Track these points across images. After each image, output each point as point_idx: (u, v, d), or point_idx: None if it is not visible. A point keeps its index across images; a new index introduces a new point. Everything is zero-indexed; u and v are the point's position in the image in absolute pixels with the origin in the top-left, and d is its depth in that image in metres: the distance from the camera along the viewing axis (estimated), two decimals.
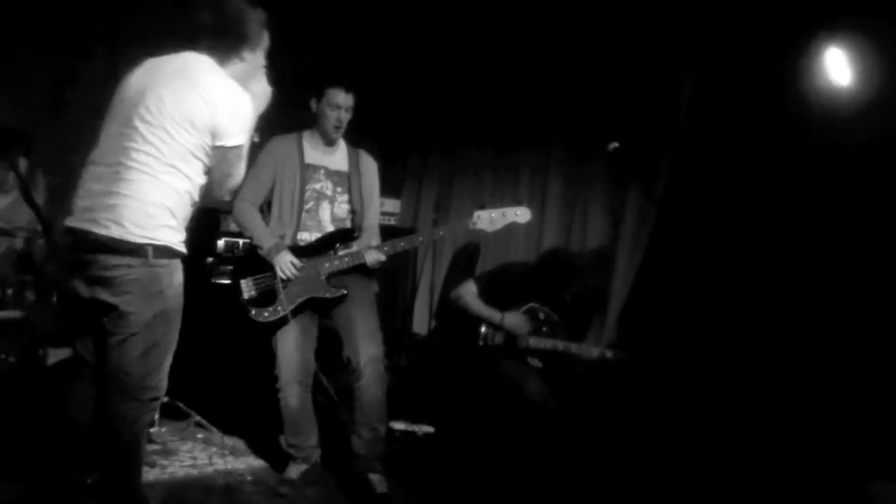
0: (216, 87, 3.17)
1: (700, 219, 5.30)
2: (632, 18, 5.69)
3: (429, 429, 5.54)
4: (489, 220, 4.49)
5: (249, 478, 4.49)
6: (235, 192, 3.91)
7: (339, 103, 4.46)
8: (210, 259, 5.75)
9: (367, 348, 4.34)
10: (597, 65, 6.05)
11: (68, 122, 5.79)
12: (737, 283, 5.07)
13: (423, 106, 7.02)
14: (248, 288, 4.39)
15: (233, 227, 5.80)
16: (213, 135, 3.16)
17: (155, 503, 4.05)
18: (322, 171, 4.54)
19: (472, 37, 6.41)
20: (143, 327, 3.10)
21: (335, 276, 4.41)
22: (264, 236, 4.41)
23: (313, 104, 4.51)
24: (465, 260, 6.70)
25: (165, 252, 3.11)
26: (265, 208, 4.58)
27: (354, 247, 4.48)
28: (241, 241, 5.79)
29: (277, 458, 4.61)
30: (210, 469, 4.58)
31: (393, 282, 6.43)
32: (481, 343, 5.25)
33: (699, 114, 5.54)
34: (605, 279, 5.93)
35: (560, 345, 5.21)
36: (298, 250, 4.41)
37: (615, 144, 4.46)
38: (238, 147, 3.22)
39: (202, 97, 3.12)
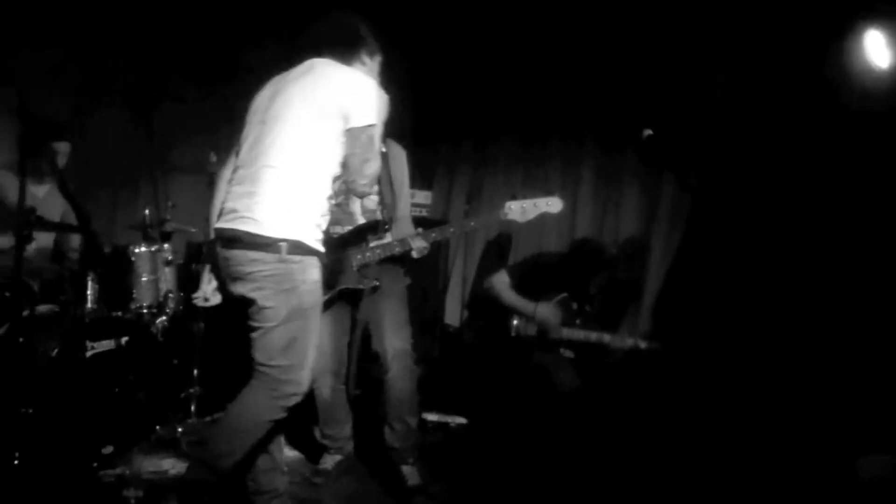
0: (342, 73, 3.34)
1: (736, 207, 5.24)
2: (665, 3, 5.65)
3: (461, 420, 5.55)
4: (521, 210, 4.47)
5: (284, 468, 4.51)
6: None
7: None
8: None
9: (394, 342, 4.34)
10: (630, 51, 6.01)
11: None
12: (774, 274, 5.02)
13: (455, 96, 7.01)
14: None
15: None
16: (345, 118, 3.24)
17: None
18: None
19: (505, 26, 6.40)
20: (282, 321, 3.22)
21: (367, 268, 4.41)
22: None
23: None
24: (496, 251, 6.69)
25: (299, 248, 3.21)
26: None
27: (387, 238, 4.48)
28: None
29: (312, 449, 4.63)
30: None
31: (424, 273, 6.43)
32: (513, 334, 5.25)
33: (734, 99, 5.49)
34: (639, 269, 5.90)
35: (592, 335, 5.19)
36: (331, 243, 4.42)
37: (649, 132, 4.42)
38: (370, 126, 3.26)
39: (329, 83, 3.29)
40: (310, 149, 3.26)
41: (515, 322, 5.25)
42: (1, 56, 2.44)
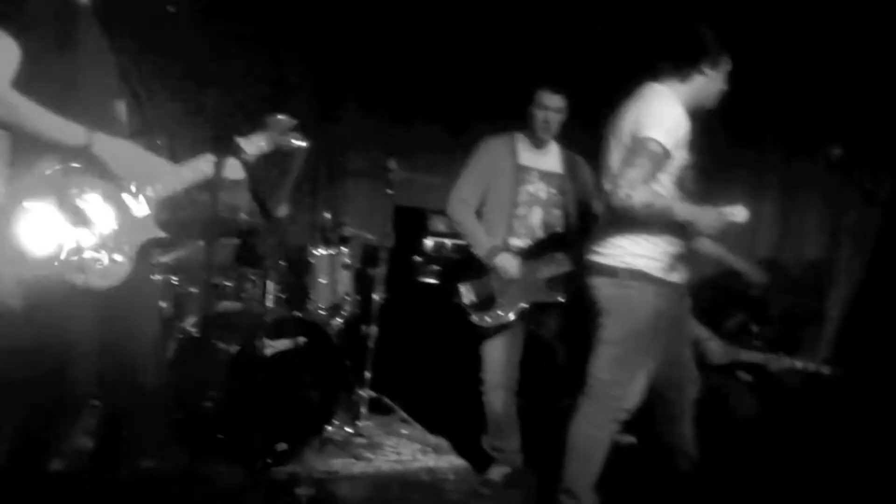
0: (643, 101, 3.44)
1: None
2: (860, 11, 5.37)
3: (631, 439, 5.40)
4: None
5: (452, 476, 4.52)
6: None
7: (547, 104, 4.40)
8: (418, 258, 5.83)
9: None
10: (817, 61, 5.73)
11: None
12: None
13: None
14: (467, 292, 4.40)
15: (441, 226, 5.86)
16: (634, 135, 3.35)
17: (359, 495, 4.18)
18: (535, 174, 4.48)
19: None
20: (618, 340, 3.48)
21: (554, 281, 4.36)
22: (482, 238, 4.41)
23: (530, 109, 4.47)
24: None
25: (638, 276, 3.44)
26: None
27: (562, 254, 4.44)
28: (448, 242, 5.84)
29: (480, 459, 4.61)
30: (414, 465, 4.65)
31: None
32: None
33: None
34: (822, 291, 5.62)
35: (771, 359, 4.97)
36: (516, 253, 4.39)
37: (839, 151, 4.18)
38: (647, 140, 3.29)
39: (629, 118, 3.43)
40: None
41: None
42: (198, 66, 2.53)
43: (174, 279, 4.70)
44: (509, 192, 4.42)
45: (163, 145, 3.01)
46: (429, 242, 5.92)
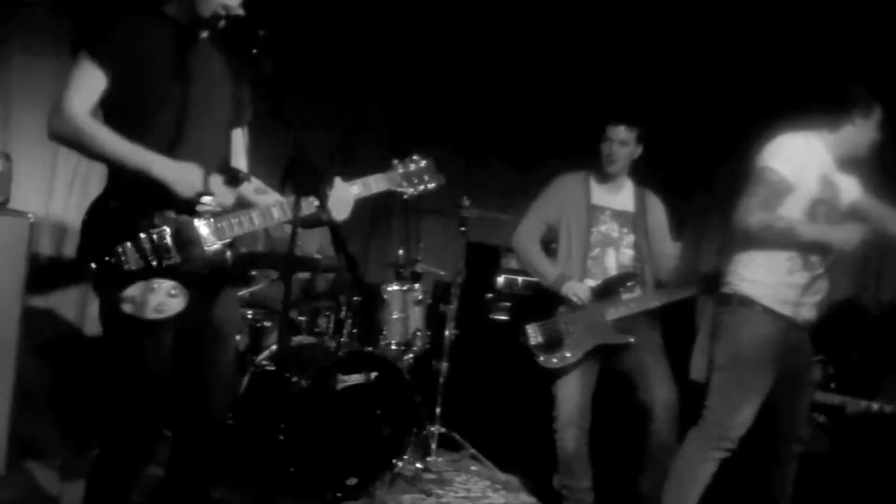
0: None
1: None
2: None
3: None
4: None
5: None
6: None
7: (612, 136, 4.42)
8: (490, 295, 5.84)
9: (661, 391, 4.25)
10: None
11: None
12: None
13: (709, 139, 6.79)
14: (534, 333, 4.40)
15: (513, 263, 5.87)
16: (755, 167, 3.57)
17: None
18: (608, 213, 4.48)
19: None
20: (724, 366, 3.62)
21: (622, 322, 4.34)
22: (548, 267, 4.42)
23: (601, 147, 4.48)
24: None
25: (745, 301, 3.59)
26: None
27: (639, 291, 4.41)
28: (520, 279, 5.84)
29: (550, 498, 4.57)
30: (483, 502, 4.63)
31: (672, 323, 6.25)
32: None
33: None
34: None
35: (848, 401, 4.86)
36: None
37: None
38: (763, 169, 3.50)
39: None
40: None
41: None
42: (282, 104, 2.59)
43: (249, 313, 4.79)
44: (583, 232, 4.43)
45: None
46: (500, 279, 5.92)
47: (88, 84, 2.70)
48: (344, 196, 3.01)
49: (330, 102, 6.47)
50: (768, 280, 3.57)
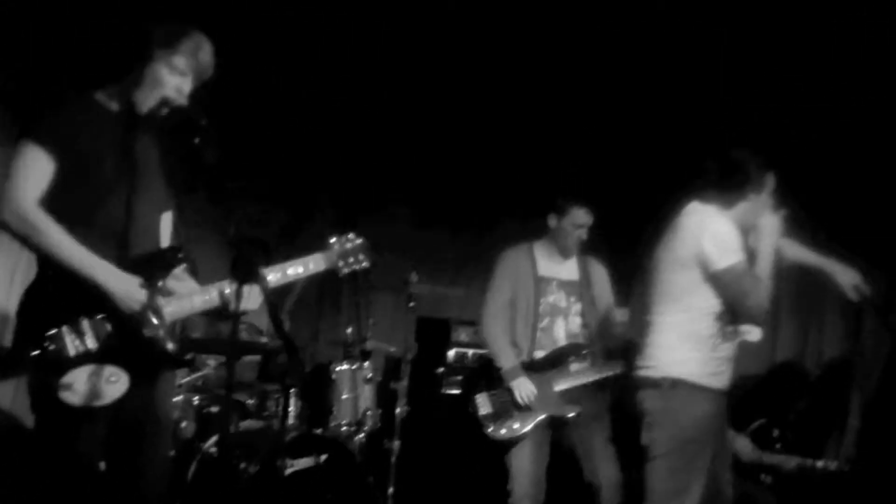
0: (693, 222, 3.52)
1: None
2: None
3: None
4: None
5: None
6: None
7: (582, 223, 4.49)
8: (441, 369, 5.82)
9: (606, 470, 4.25)
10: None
11: None
12: None
13: (646, 205, 6.90)
14: (483, 403, 4.41)
15: (463, 337, 5.87)
16: (703, 265, 3.43)
17: None
18: (555, 283, 4.55)
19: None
20: (666, 453, 3.45)
21: (570, 393, 4.36)
22: (506, 355, 4.44)
23: (552, 219, 4.53)
24: None
25: (679, 384, 3.46)
26: None
27: (588, 362, 4.44)
28: (470, 352, 5.84)
29: None
30: None
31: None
32: None
33: None
34: (844, 393, 5.57)
35: (794, 461, 4.91)
36: (532, 365, 4.41)
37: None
38: (728, 268, 3.39)
39: (683, 237, 3.51)
40: (675, 297, 3.51)
41: None
42: (224, 192, 2.61)
43: (196, 398, 4.73)
44: (531, 304, 4.47)
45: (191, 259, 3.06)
46: (451, 353, 5.92)
47: (35, 172, 2.69)
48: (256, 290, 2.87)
49: (276, 179, 6.49)
50: (698, 358, 3.50)
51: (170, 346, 2.81)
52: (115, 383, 2.66)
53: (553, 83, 6.02)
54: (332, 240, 3.22)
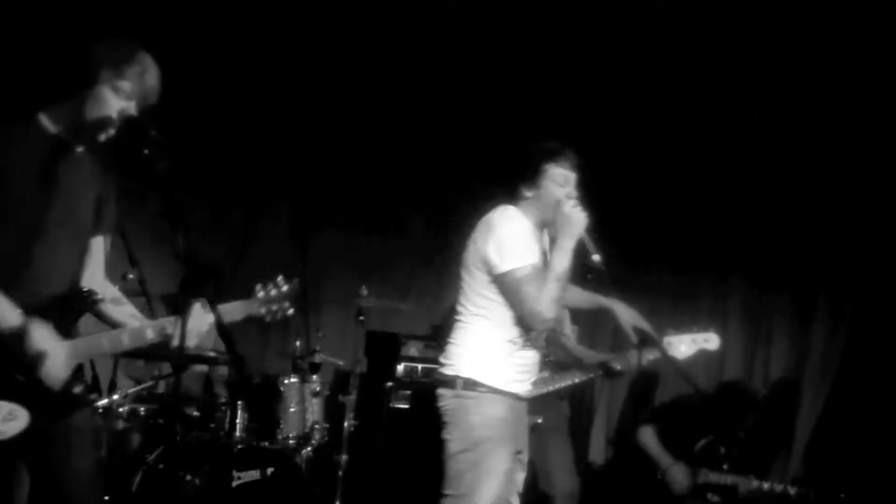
0: (482, 226, 3.54)
1: (891, 354, 5.04)
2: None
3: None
4: (679, 347, 4.35)
5: None
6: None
7: None
8: (390, 383, 5.82)
9: (563, 483, 4.28)
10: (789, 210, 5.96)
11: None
12: None
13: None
14: None
15: (412, 351, 5.89)
16: (487, 269, 3.44)
17: None
18: None
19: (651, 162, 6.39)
20: (455, 451, 3.46)
21: (531, 402, 4.38)
22: None
23: None
24: (643, 388, 6.53)
25: (475, 386, 3.46)
26: None
27: (548, 372, 4.46)
28: (420, 366, 5.84)
29: None
30: None
31: (570, 406, 6.34)
32: (659, 476, 5.07)
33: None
34: (790, 413, 5.67)
35: (740, 481, 4.98)
36: None
37: None
38: (508, 272, 3.39)
39: (474, 241, 3.53)
40: (473, 300, 3.53)
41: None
42: (174, 202, 2.58)
43: (142, 409, 4.70)
44: None
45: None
46: (400, 367, 5.92)
47: None
48: (197, 325, 2.82)
49: (229, 194, 6.49)
50: (493, 361, 3.48)
51: (75, 389, 2.74)
52: (13, 420, 2.58)
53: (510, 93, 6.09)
54: (258, 286, 3.15)
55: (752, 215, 6.17)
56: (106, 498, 4.07)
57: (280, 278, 3.08)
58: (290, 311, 3.11)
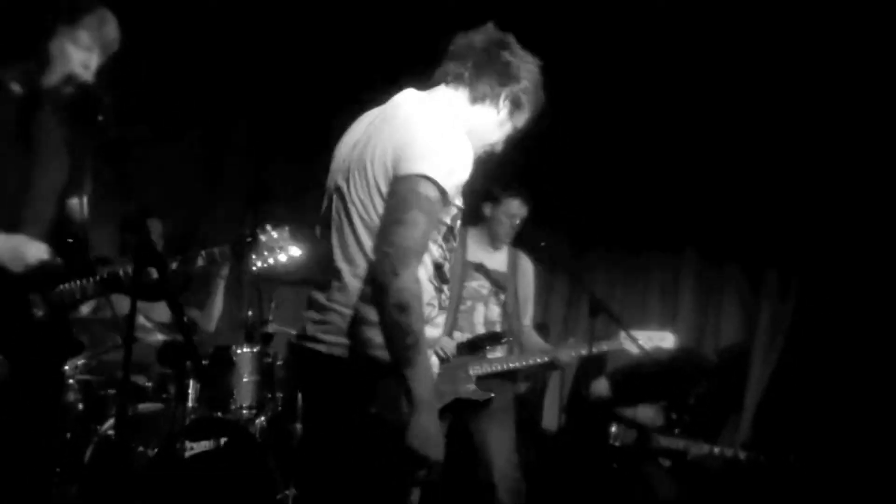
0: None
1: (837, 323, 5.13)
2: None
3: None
4: (635, 341, 4.44)
5: None
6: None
7: (517, 213, 4.53)
8: None
9: (499, 462, 4.30)
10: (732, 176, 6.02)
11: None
12: (879, 383, 4.87)
13: (552, 205, 7.02)
14: None
15: None
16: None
17: None
18: (480, 270, 4.58)
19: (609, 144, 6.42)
20: None
21: (484, 380, 4.40)
22: None
23: (487, 208, 4.57)
24: (595, 356, 6.58)
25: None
26: None
27: (500, 352, 4.49)
28: None
29: None
30: None
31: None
32: (611, 441, 5.14)
33: (839, 220, 5.42)
34: (740, 378, 5.77)
35: (691, 445, 5.07)
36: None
37: None
38: (412, 177, 2.33)
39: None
40: None
41: (614, 429, 5.15)
42: (126, 170, 2.57)
43: (92, 379, 4.64)
44: (455, 286, 4.49)
45: None
46: None
47: None
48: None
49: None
50: None
51: (36, 311, 2.77)
52: None
53: None
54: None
55: (705, 190, 6.24)
56: (58, 470, 4.04)
57: (268, 224, 3.10)
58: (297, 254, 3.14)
